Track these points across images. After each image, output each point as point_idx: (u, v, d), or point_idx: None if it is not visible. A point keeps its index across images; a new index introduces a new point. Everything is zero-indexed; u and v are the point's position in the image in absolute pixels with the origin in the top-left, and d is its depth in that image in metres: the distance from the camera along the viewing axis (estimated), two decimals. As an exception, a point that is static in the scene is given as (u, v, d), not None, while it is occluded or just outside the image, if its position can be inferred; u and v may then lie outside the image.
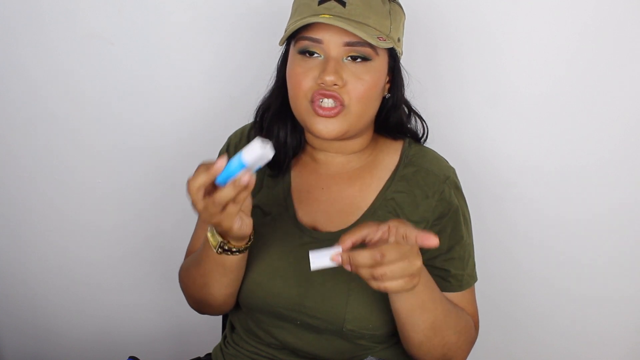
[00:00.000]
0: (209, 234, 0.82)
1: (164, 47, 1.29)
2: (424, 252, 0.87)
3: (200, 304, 0.96)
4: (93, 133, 1.38)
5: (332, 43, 0.82)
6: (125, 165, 1.40)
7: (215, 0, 1.24)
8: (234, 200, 0.71)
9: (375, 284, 0.68)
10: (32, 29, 1.31)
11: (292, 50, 0.87)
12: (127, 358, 0.98)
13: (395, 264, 0.67)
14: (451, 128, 1.20)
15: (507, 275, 1.28)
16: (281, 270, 0.89)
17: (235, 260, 0.84)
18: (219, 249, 0.82)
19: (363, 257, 0.67)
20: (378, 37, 0.81)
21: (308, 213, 0.93)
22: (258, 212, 0.95)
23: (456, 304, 0.89)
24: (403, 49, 0.92)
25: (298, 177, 0.96)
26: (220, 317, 1.19)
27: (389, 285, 0.68)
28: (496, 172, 1.23)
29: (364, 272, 0.68)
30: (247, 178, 0.69)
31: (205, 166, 0.70)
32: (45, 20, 1.30)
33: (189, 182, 0.70)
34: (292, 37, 0.86)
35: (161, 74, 1.31)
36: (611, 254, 1.23)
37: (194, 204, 0.72)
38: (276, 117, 0.94)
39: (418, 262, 0.69)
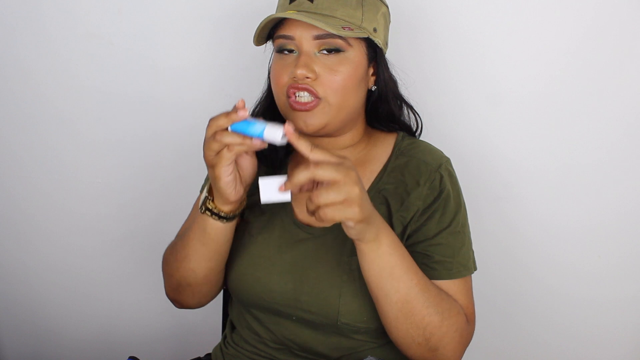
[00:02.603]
0: (201, 194, 0.86)
1: (163, 46, 1.29)
2: (410, 237, 0.88)
3: (178, 286, 0.95)
4: (92, 132, 1.38)
5: (303, 38, 0.84)
6: (125, 163, 1.40)
7: (215, 0, 1.24)
8: (229, 147, 0.76)
9: (319, 214, 0.69)
10: (32, 29, 1.31)
11: (274, 49, 0.90)
12: (127, 358, 0.98)
13: (330, 187, 0.68)
14: (449, 128, 1.19)
15: (505, 274, 1.28)
16: (278, 266, 0.90)
17: (218, 230, 0.86)
18: (203, 207, 0.84)
19: (301, 173, 0.69)
20: (344, 27, 0.83)
21: (304, 209, 0.93)
22: (255, 210, 0.96)
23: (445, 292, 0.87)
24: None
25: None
26: (220, 317, 1.19)
27: (329, 212, 0.68)
28: (494, 172, 1.22)
29: (308, 204, 0.70)
30: (259, 144, 0.75)
31: (228, 112, 0.77)
32: (46, 20, 1.30)
33: (211, 120, 0.78)
34: (273, 37, 0.89)
35: (161, 74, 1.31)
36: (610, 254, 1.23)
37: (206, 138, 0.79)
38: (266, 115, 0.96)
39: (356, 189, 0.69)
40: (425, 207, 0.89)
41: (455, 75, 1.19)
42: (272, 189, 0.72)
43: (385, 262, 0.78)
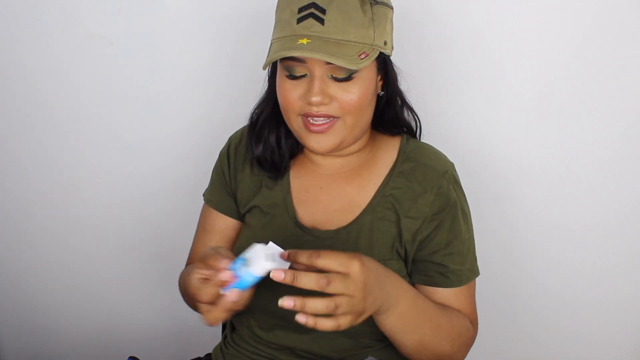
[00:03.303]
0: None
1: (163, 46, 1.29)
2: (424, 247, 0.89)
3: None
4: (93, 132, 1.38)
5: (315, 63, 0.82)
6: (125, 164, 1.40)
7: (216, 1, 1.24)
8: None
9: (328, 323, 0.67)
10: (32, 29, 1.31)
11: (279, 66, 0.86)
12: (127, 358, 0.98)
13: (344, 296, 0.66)
14: (450, 128, 1.20)
15: (505, 275, 1.28)
16: None
17: None
18: None
19: (309, 278, 0.66)
20: (359, 55, 0.80)
21: (307, 212, 0.93)
22: (258, 212, 0.96)
23: (452, 302, 0.89)
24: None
25: (297, 177, 0.96)
26: (220, 317, 1.19)
27: (342, 321, 0.67)
28: (495, 172, 1.23)
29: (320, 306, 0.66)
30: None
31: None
32: (45, 20, 1.30)
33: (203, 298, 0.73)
34: None
35: (161, 74, 1.31)
36: (610, 254, 1.23)
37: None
38: (268, 122, 0.95)
39: (362, 304, 0.68)
40: (432, 213, 0.89)
41: (455, 75, 1.19)
42: (263, 266, 0.69)
43: (399, 324, 0.78)
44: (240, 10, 1.23)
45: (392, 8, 0.89)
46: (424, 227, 0.89)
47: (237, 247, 0.98)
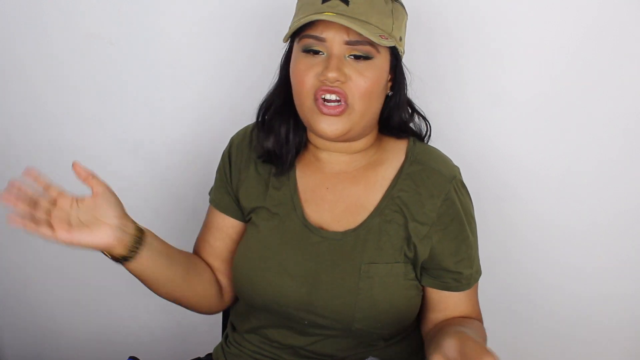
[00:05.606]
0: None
1: (164, 47, 1.29)
2: (434, 254, 0.89)
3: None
4: (92, 133, 1.38)
5: (335, 41, 0.83)
6: (126, 165, 1.39)
7: (216, 1, 1.24)
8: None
9: None
10: (32, 29, 1.31)
11: (296, 48, 0.87)
12: (127, 358, 0.98)
13: None
14: (452, 128, 1.19)
15: (506, 275, 1.28)
16: (290, 270, 0.90)
17: (133, 268, 0.88)
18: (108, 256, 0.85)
19: None
20: (380, 36, 0.82)
21: (315, 212, 0.93)
22: (264, 213, 0.95)
23: (465, 305, 0.92)
24: (405, 48, 0.93)
25: (303, 176, 0.96)
26: (221, 317, 1.19)
27: None
28: (497, 173, 1.23)
29: None
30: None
31: None
32: (45, 20, 1.30)
33: None
34: (296, 35, 0.87)
35: (161, 74, 1.31)
36: (611, 254, 1.23)
37: None
38: (278, 114, 0.94)
39: None
40: (440, 219, 0.89)
41: (456, 76, 1.19)
42: None
43: None
44: (242, 10, 1.23)
45: (407, 14, 0.91)
46: (432, 231, 0.89)
47: (244, 246, 0.96)
